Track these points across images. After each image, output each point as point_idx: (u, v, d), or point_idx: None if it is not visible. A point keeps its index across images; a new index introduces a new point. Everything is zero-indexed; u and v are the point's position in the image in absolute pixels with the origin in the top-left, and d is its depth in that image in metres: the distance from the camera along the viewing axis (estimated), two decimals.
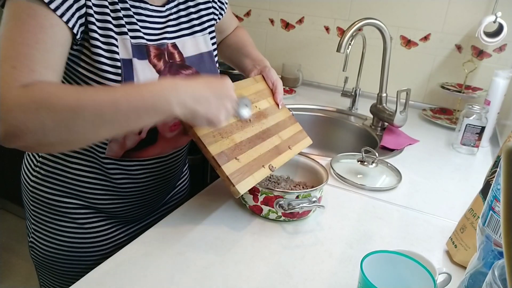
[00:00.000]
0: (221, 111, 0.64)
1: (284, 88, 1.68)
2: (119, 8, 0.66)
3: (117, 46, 0.66)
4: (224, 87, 0.65)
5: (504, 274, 0.39)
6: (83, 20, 0.62)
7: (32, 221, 0.82)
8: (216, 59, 0.85)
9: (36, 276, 0.92)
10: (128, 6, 0.68)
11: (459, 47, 1.51)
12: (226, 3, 0.92)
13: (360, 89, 1.49)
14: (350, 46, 1.24)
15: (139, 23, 0.70)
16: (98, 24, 0.64)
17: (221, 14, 0.90)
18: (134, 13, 0.69)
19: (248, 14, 1.84)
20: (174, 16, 0.77)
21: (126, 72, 0.66)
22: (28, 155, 0.82)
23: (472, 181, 1.05)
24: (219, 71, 0.85)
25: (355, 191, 0.94)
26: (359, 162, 1.01)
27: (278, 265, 0.67)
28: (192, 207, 0.81)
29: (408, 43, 1.58)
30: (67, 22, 0.60)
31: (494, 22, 1.34)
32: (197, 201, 0.83)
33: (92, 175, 0.77)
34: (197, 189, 0.89)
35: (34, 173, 0.79)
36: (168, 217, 0.77)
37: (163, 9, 0.74)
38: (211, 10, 0.85)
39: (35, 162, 0.79)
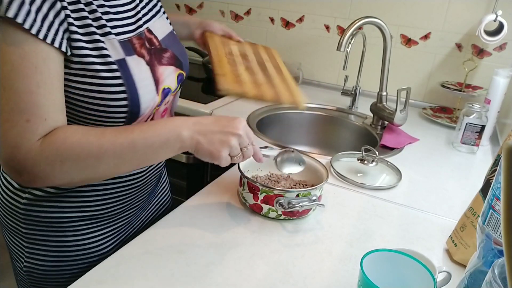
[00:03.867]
0: (223, 147, 0.65)
1: None
2: (95, 8, 0.63)
3: (106, 49, 0.63)
4: (232, 124, 0.66)
5: (504, 272, 0.39)
6: (67, 34, 0.59)
7: (25, 244, 0.76)
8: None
9: None
10: (102, 2, 0.65)
11: (459, 46, 1.51)
12: None
13: (360, 88, 1.49)
14: (350, 45, 1.24)
15: (116, 16, 0.66)
16: (80, 30, 0.60)
17: None
18: (108, 7, 0.65)
19: (248, 12, 1.84)
20: (137, 2, 0.73)
21: (123, 73, 0.64)
22: (6, 179, 0.75)
23: (472, 179, 1.06)
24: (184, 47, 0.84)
25: (355, 190, 0.94)
26: (359, 161, 1.01)
27: (278, 263, 0.67)
28: (192, 206, 0.81)
29: (408, 41, 1.58)
30: (59, 47, 0.58)
31: (495, 20, 1.34)
32: (197, 200, 0.83)
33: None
34: (197, 188, 0.89)
35: (25, 195, 0.73)
36: (168, 216, 0.77)
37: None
38: None
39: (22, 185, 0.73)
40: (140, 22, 0.71)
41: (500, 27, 1.34)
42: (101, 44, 0.62)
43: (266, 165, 0.90)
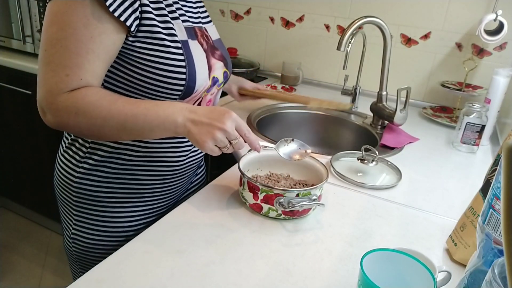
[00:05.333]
0: (207, 138, 0.69)
1: (284, 87, 1.69)
2: None
3: (174, 29, 0.75)
4: (220, 118, 0.70)
5: (504, 272, 0.39)
6: (137, 14, 0.70)
7: (74, 212, 0.87)
8: None
9: (36, 274, 0.92)
10: None
11: (459, 45, 1.51)
12: None
13: (360, 87, 1.49)
14: (350, 44, 1.24)
15: (184, 8, 0.80)
16: (155, 12, 0.73)
17: None
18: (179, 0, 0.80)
19: (248, 12, 1.84)
20: (196, 5, 0.87)
21: (186, 51, 0.75)
22: (67, 153, 0.86)
23: (472, 179, 1.06)
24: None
25: (355, 189, 0.94)
26: (359, 161, 1.01)
27: (278, 263, 0.67)
28: (192, 205, 0.81)
29: (408, 41, 1.58)
30: (125, 21, 0.69)
31: (495, 20, 1.34)
32: (197, 199, 0.83)
33: (133, 155, 0.83)
34: (197, 188, 0.89)
35: (78, 170, 0.83)
36: (168, 215, 0.77)
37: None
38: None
39: (78, 158, 0.83)
40: (201, 20, 0.86)
41: (500, 26, 1.34)
42: (170, 25, 0.75)
43: (266, 164, 0.90)
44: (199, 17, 0.85)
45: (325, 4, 1.68)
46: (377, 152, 1.01)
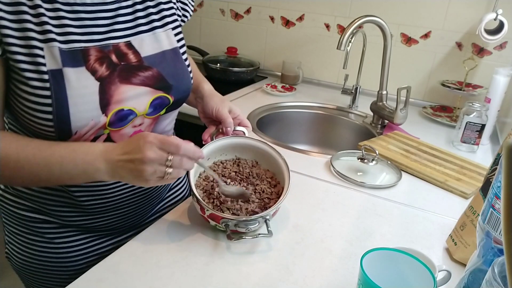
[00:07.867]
0: (139, 177, 0.60)
1: (284, 86, 1.68)
2: (43, 12, 0.59)
3: (42, 57, 0.59)
4: (137, 148, 0.59)
5: (504, 271, 0.39)
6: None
7: (6, 232, 0.82)
8: (184, 56, 0.77)
9: None
10: (59, 6, 0.61)
11: (459, 45, 1.51)
12: (192, 6, 0.84)
13: (360, 87, 1.49)
14: (350, 44, 1.24)
15: (74, 23, 0.62)
16: (15, 34, 0.58)
17: (185, 16, 0.81)
18: (67, 11, 0.62)
19: (248, 11, 1.84)
20: (129, 11, 0.69)
21: (56, 84, 0.59)
22: None
23: None
24: (188, 67, 0.77)
25: (355, 189, 0.94)
26: (359, 160, 1.01)
27: (278, 262, 0.67)
28: (191, 205, 0.81)
29: (408, 40, 1.58)
30: None
31: (495, 19, 1.34)
32: None
33: (56, 194, 0.74)
34: None
35: (5, 188, 0.79)
36: (168, 215, 0.77)
37: (111, 6, 0.67)
38: (173, 10, 0.77)
39: None
40: (113, 34, 0.67)
41: (501, 26, 1.34)
42: (36, 51, 0.59)
43: (231, 150, 0.82)
44: (112, 31, 0.67)
45: (325, 3, 1.67)
46: (377, 152, 1.01)
